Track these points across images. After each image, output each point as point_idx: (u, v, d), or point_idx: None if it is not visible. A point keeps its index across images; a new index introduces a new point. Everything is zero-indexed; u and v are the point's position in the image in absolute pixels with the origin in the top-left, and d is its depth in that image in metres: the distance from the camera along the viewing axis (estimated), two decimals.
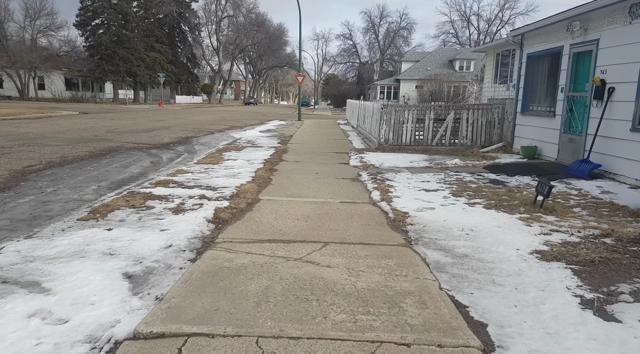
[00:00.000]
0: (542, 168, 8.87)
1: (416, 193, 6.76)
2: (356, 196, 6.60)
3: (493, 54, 23.56)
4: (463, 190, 6.94)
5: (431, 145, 12.42)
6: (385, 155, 11.13)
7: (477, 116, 12.37)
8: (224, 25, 69.56)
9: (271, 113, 41.26)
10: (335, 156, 11.04)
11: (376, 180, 7.70)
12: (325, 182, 7.56)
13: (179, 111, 36.34)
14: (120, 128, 16.80)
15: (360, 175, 8.31)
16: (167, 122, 21.87)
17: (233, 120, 25.74)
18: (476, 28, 70.11)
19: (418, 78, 48.92)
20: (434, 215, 5.56)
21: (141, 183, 7.01)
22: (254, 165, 8.96)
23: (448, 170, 8.98)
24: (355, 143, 14.36)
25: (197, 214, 5.17)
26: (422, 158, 10.77)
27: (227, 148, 11.65)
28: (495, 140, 12.42)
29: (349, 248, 4.25)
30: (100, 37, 47.89)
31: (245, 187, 6.68)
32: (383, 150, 12.23)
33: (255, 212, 5.46)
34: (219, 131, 18.15)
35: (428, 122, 12.38)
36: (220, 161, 9.39)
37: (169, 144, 12.69)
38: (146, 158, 9.99)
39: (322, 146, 13.18)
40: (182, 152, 11.22)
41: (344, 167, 9.29)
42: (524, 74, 11.14)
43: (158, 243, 4.21)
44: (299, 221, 5.14)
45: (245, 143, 13.15)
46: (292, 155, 10.99)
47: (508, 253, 4.23)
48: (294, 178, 7.87)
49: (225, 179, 7.37)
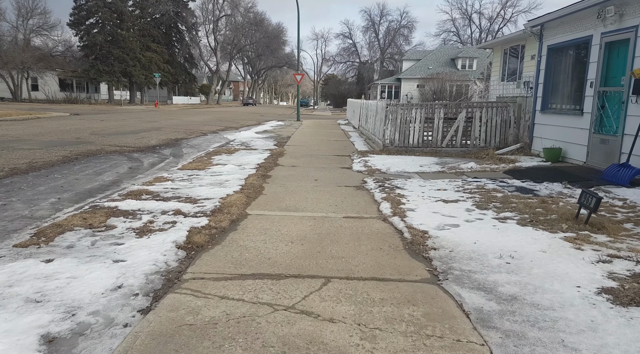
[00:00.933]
0: (572, 173, 7.84)
1: (433, 205, 5.72)
2: (362, 209, 5.57)
3: (500, 50, 22.53)
4: (488, 201, 5.91)
5: (441, 147, 11.39)
6: (391, 158, 10.10)
7: (491, 115, 11.34)
8: (222, 24, 68.55)
9: (269, 113, 40.24)
10: (336, 159, 10.01)
11: (384, 188, 6.67)
12: (326, 191, 6.53)
13: (175, 112, 35.31)
14: (106, 130, 15.76)
15: (365, 182, 7.28)
16: (158, 122, 20.84)
17: (229, 121, 24.71)
18: (478, 26, 69.15)
19: (420, 77, 47.87)
20: (460, 234, 4.52)
21: (110, 195, 5.97)
22: (245, 171, 7.92)
23: (464, 176, 7.95)
24: (357, 144, 13.33)
25: (165, 237, 4.13)
26: (432, 162, 9.74)
27: (218, 151, 10.61)
28: (511, 141, 11.38)
29: (357, 286, 3.22)
30: (94, 36, 46.79)
31: (232, 199, 5.64)
32: (388, 152, 11.20)
33: (239, 233, 4.42)
34: (212, 132, 17.12)
35: (437, 121, 11.35)
36: (207, 166, 8.36)
37: (154, 147, 11.65)
38: (125, 163, 8.96)
39: (322, 148, 12.15)
40: (167, 156, 10.19)
41: (346, 173, 8.26)
42: (544, 68, 10.11)
43: (105, 282, 3.17)
44: (293, 245, 4.11)
45: (239, 146, 12.12)
46: (288, 158, 9.96)
47: (568, 293, 3.20)
48: (289, 186, 6.84)
49: (209, 188, 6.33)
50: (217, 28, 66.32)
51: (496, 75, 22.78)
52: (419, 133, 11.41)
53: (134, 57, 49.09)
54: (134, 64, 48.89)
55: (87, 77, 47.13)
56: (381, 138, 11.83)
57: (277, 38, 73.63)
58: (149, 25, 57.14)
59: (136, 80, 50.57)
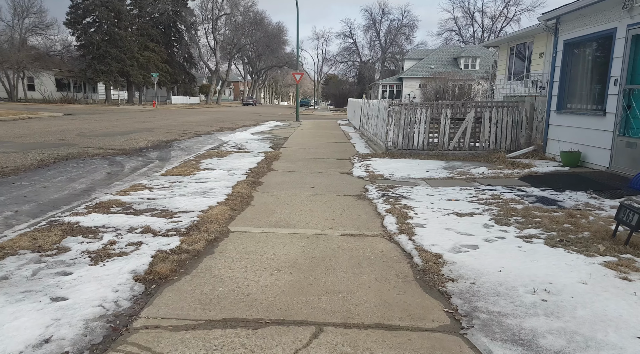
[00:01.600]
0: (595, 180, 7.09)
1: (445, 219, 4.98)
2: (364, 223, 4.83)
3: (506, 48, 21.78)
4: (508, 214, 5.16)
5: (448, 150, 10.64)
6: (394, 162, 9.36)
7: (501, 115, 10.59)
8: (222, 24, 67.82)
9: (269, 113, 39.51)
10: (335, 163, 9.27)
11: (388, 198, 5.93)
12: (323, 201, 5.80)
13: (172, 112, 34.59)
14: (95, 131, 15.04)
15: (367, 190, 6.55)
16: (152, 123, 20.12)
17: (226, 121, 23.98)
18: (480, 25, 68.36)
19: (421, 76, 47.10)
20: (481, 258, 3.78)
21: (76, 206, 5.24)
22: (234, 177, 7.19)
23: (476, 183, 7.20)
24: (358, 147, 12.59)
25: (123, 264, 3.40)
26: (439, 166, 8.99)
27: (209, 154, 9.88)
28: (523, 143, 10.63)
29: (358, 338, 2.48)
30: (91, 35, 46.05)
31: (214, 212, 4.91)
32: (391, 155, 10.46)
33: (216, 257, 3.69)
34: (206, 133, 16.39)
35: (444, 122, 10.60)
36: (194, 171, 7.62)
37: (141, 149, 10.92)
38: (105, 167, 8.23)
39: (321, 151, 11.41)
40: (153, 159, 9.46)
41: (346, 179, 7.52)
42: (560, 65, 9.36)
43: (29, 334, 2.44)
44: (280, 274, 3.38)
45: (232, 148, 11.38)
46: (284, 162, 9.22)
47: (631, 349, 2.46)
48: (282, 195, 6.10)
49: (190, 199, 5.60)
50: (216, 27, 65.61)
51: (502, 74, 22.03)
52: (424, 135, 10.67)
53: (131, 56, 48.38)
54: (131, 64, 48.17)
55: (84, 77, 46.38)
56: (383, 140, 11.09)
57: (277, 37, 72.86)
58: (147, 24, 56.46)
59: (134, 80, 49.85)
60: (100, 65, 45.81)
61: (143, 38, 53.38)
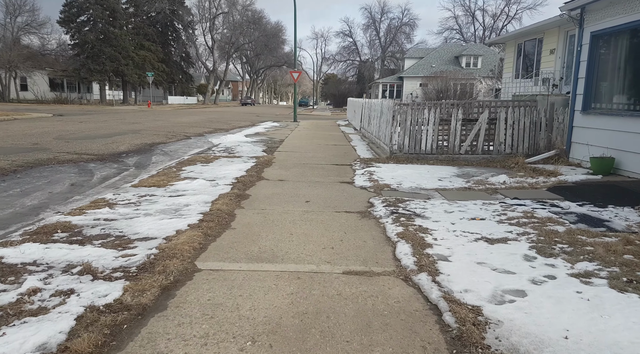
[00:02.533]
0: (637, 191, 6.08)
1: (474, 247, 3.96)
2: (371, 254, 3.82)
3: (513, 45, 20.76)
4: (549, 240, 4.14)
5: (459, 154, 9.62)
6: (401, 169, 8.33)
7: (518, 115, 9.58)
8: (219, 23, 66.76)
9: (266, 113, 38.49)
10: (334, 170, 8.25)
11: (399, 216, 4.91)
12: (320, 221, 4.78)
13: (166, 112, 33.55)
14: (77, 133, 14.01)
15: (372, 205, 5.53)
16: (142, 124, 19.08)
17: (220, 122, 22.96)
18: (481, 24, 67.31)
19: (422, 75, 46.09)
20: (535, 313, 2.76)
21: (11, 232, 4.21)
22: (216, 189, 6.17)
23: (499, 195, 6.18)
24: (359, 150, 11.56)
25: (31, 334, 2.36)
26: (452, 173, 7.98)
27: (193, 160, 8.86)
28: (542, 147, 9.62)
29: None
30: (85, 34, 44.94)
31: (180, 240, 3.88)
32: (397, 160, 9.44)
33: (168, 317, 2.66)
34: (197, 135, 15.36)
35: (455, 123, 9.58)
36: (171, 181, 6.60)
37: (120, 154, 9.88)
38: (71, 177, 7.20)
39: (319, 155, 10.38)
40: (129, 166, 8.42)
41: (347, 190, 6.50)
42: (587, 60, 8.34)
43: None
44: (255, 348, 2.36)
45: (221, 152, 10.35)
46: (277, 169, 8.20)
47: None
48: (271, 212, 5.08)
49: (157, 220, 4.58)
50: (213, 26, 64.53)
51: (509, 72, 21.01)
52: (433, 137, 9.64)
53: (126, 55, 47.31)
54: (126, 63, 47.09)
55: (78, 77, 45.28)
56: (388, 143, 10.07)
57: (275, 36, 71.76)
58: (143, 23, 55.45)
59: (129, 80, 48.79)
60: (95, 64, 44.75)
61: (139, 37, 52.35)
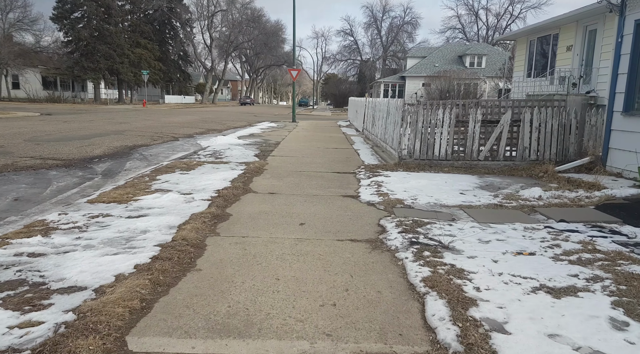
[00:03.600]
0: None
1: (535, 304, 2.77)
2: (390, 317, 2.63)
3: (525, 42, 19.57)
4: (635, 291, 2.96)
5: (477, 160, 8.43)
6: (414, 178, 7.14)
7: (544, 116, 8.40)
8: (218, 21, 65.54)
9: (265, 113, 37.31)
10: (336, 180, 7.06)
11: (421, 248, 3.73)
12: (317, 256, 3.60)
13: (161, 112, 32.36)
14: (53, 134, 12.82)
15: (384, 230, 4.35)
16: (130, 124, 17.89)
17: (215, 122, 21.77)
18: (484, 23, 66.12)
19: (425, 75, 44.91)
20: None
21: None
22: (190, 206, 4.98)
23: (539, 214, 5.00)
24: (363, 154, 10.37)
25: None
26: (474, 184, 6.79)
27: (172, 167, 7.67)
28: (572, 153, 8.44)
29: None
30: (79, 31, 43.70)
31: (116, 294, 2.69)
32: (407, 167, 8.25)
33: None
34: (187, 136, 14.17)
35: (473, 125, 8.39)
36: (138, 195, 5.41)
37: (92, 159, 8.69)
38: (21, 188, 6.00)
39: (317, 160, 9.20)
40: (97, 174, 7.23)
41: (351, 206, 5.32)
42: (630, 53, 7.15)
43: None
44: None
45: (207, 157, 9.16)
46: (268, 178, 7.01)
47: None
48: (253, 242, 3.89)
49: (97, 256, 3.39)
50: (212, 24, 63.33)
51: (520, 70, 19.82)
52: (449, 141, 8.46)
53: (121, 53, 46.09)
54: (121, 61, 45.87)
55: (71, 75, 44.02)
56: (396, 147, 8.89)
57: (275, 35, 70.52)
58: (140, 21, 54.24)
59: (124, 78, 47.59)
60: (88, 62, 43.52)
61: (135, 34, 51.15)
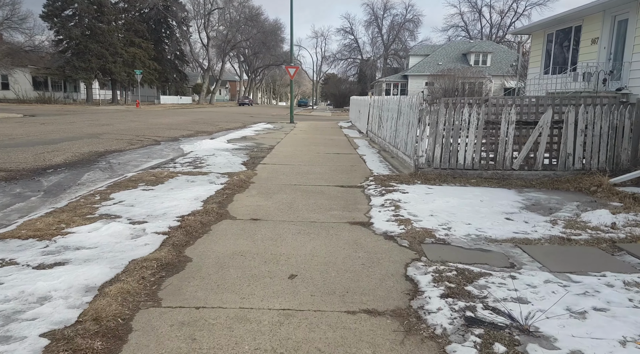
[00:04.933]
0: None
1: None
2: None
3: (542, 35, 18.09)
4: None
5: (511, 169, 6.94)
6: (440, 195, 5.64)
7: (591, 117, 6.91)
8: (215, 19, 64.04)
9: (262, 114, 35.82)
10: (339, 197, 5.57)
11: (486, 337, 2.24)
12: (314, 352, 2.11)
13: (153, 112, 30.86)
14: (18, 139, 11.34)
15: (417, 290, 2.87)
16: (112, 126, 16.40)
17: (207, 124, 20.29)
18: (488, 21, 64.63)
19: (428, 73, 43.46)
20: None
21: None
22: (134, 245, 3.49)
23: (625, 253, 3.52)
24: (370, 161, 8.87)
25: None
26: (516, 203, 5.30)
27: (137, 180, 6.18)
28: (624, 161, 6.95)
29: None
30: (70, 30, 42.24)
31: None
32: (425, 178, 6.76)
33: None
34: (171, 139, 12.69)
35: (506, 127, 6.90)
36: (72, 224, 3.93)
37: (46, 169, 7.19)
38: None
39: (317, 169, 7.70)
40: (40, 190, 5.71)
41: (363, 242, 3.83)
42: None
43: None
44: None
45: (184, 166, 7.66)
46: (253, 196, 5.52)
47: None
48: (211, 324, 2.40)
49: None
50: (208, 23, 61.83)
51: (536, 67, 18.33)
52: (476, 146, 6.97)
53: (114, 52, 44.60)
54: (114, 60, 44.38)
55: (62, 75, 42.53)
56: (410, 153, 7.41)
57: (274, 34, 69.05)
58: (135, 19, 52.76)
59: (117, 78, 46.09)
60: (80, 61, 42.05)
61: (129, 33, 49.64)
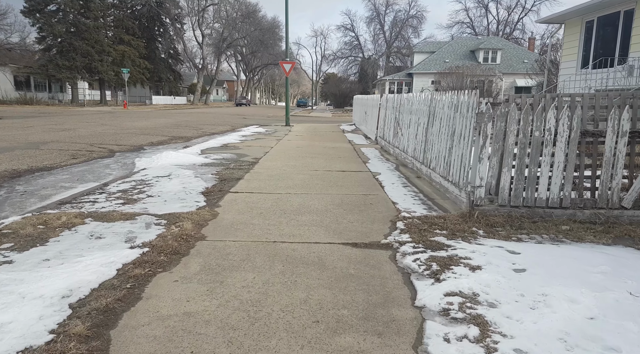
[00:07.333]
0: None
1: None
2: None
3: (579, 23, 15.44)
4: None
5: (620, 208, 4.34)
6: (546, 278, 3.01)
7: None
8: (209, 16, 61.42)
9: (257, 115, 33.23)
10: (351, 278, 2.95)
11: None
12: None
13: (136, 114, 28.23)
14: None
15: None
16: (72, 132, 13.79)
17: (190, 127, 17.69)
18: (494, 17, 62.09)
19: (435, 71, 40.77)
20: None
21: None
22: None
23: None
24: (390, 187, 6.24)
25: None
26: None
27: (9, 233, 3.59)
28: None
29: None
30: (54, 26, 39.67)
31: None
32: (488, 223, 4.15)
33: None
34: (132, 149, 10.09)
35: (614, 139, 4.31)
36: None
37: None
38: None
39: (313, 205, 5.09)
40: None
41: None
42: None
43: None
44: None
45: (113, 198, 5.03)
46: (186, 282, 2.90)
47: None
48: None
49: None
50: (203, 19, 59.21)
51: (572, 60, 15.70)
52: (567, 172, 4.37)
53: (101, 50, 42.01)
54: (100, 59, 41.77)
55: (45, 73, 39.90)
56: (459, 181, 4.82)
57: (272, 32, 66.39)
58: (126, 16, 50.17)
59: (105, 77, 43.48)
60: (64, 60, 39.44)
61: (118, 30, 47.07)
